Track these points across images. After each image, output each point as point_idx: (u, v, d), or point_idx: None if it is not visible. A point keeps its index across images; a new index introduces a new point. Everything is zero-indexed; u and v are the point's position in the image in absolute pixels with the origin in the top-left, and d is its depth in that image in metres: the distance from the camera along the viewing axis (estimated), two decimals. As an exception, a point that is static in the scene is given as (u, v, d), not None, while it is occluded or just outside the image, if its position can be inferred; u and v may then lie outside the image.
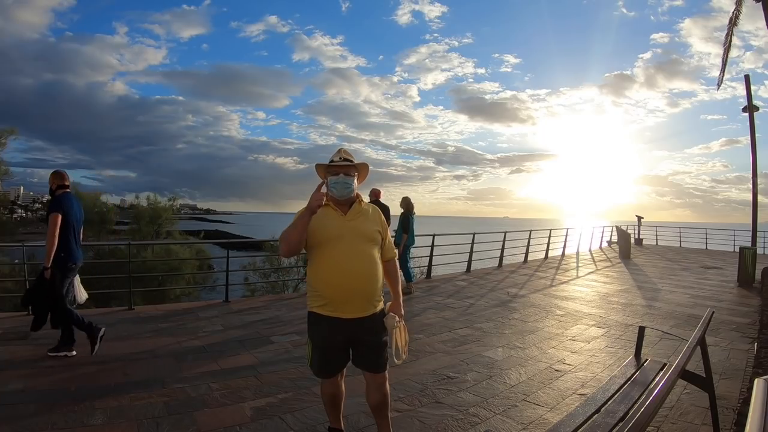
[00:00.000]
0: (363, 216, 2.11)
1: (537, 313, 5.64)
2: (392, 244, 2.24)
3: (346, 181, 2.07)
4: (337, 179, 2.06)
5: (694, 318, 5.41)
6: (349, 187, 2.08)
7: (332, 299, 2.00)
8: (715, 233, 17.54)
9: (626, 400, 2.09)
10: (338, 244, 2.00)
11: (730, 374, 3.54)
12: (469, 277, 8.58)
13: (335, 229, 2.02)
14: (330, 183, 2.08)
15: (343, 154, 2.14)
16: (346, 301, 1.99)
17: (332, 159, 2.15)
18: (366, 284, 2.01)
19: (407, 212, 6.53)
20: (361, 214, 2.11)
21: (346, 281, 1.98)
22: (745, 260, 8.26)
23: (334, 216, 2.06)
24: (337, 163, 2.10)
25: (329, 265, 1.99)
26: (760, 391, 1.15)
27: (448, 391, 3.10)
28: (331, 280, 2.00)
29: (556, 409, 2.85)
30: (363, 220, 2.09)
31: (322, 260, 2.02)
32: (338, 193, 2.07)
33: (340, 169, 2.08)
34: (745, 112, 10.07)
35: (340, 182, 2.06)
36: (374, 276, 2.04)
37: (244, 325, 4.76)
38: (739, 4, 9.44)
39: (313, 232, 2.01)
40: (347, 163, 2.11)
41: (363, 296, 2.01)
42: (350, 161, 2.13)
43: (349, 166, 2.10)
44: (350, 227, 2.03)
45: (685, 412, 2.81)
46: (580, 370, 3.58)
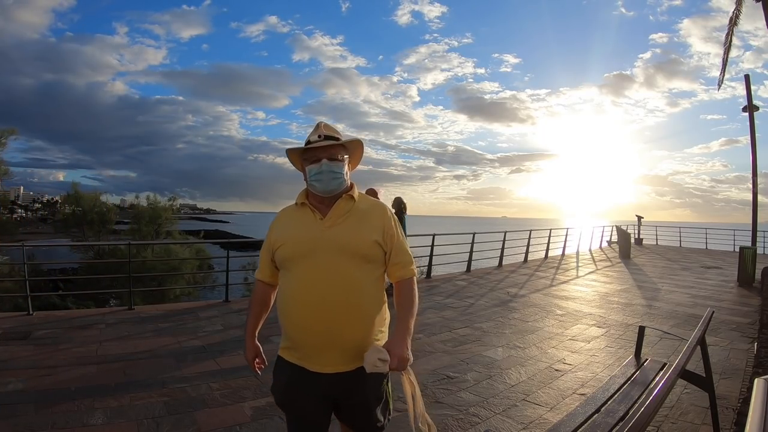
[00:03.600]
0: (353, 219, 1.42)
1: (537, 312, 5.64)
2: (407, 257, 1.49)
3: (332, 170, 1.40)
4: (319, 169, 1.40)
5: (694, 318, 5.41)
6: (337, 177, 1.42)
7: (296, 343, 1.40)
8: (715, 233, 17.54)
9: (626, 400, 2.09)
10: (307, 263, 1.36)
11: (730, 374, 3.54)
12: (469, 276, 8.58)
13: (305, 241, 1.38)
14: (310, 175, 1.43)
15: (323, 130, 1.45)
16: (314, 348, 1.36)
17: (308, 139, 1.46)
18: (343, 325, 1.33)
19: (399, 212, 6.54)
20: (350, 215, 1.43)
21: (311, 320, 1.34)
22: (745, 260, 8.26)
23: (309, 221, 1.42)
24: (315, 143, 1.42)
25: (290, 295, 1.38)
26: (760, 391, 1.15)
27: (448, 391, 3.10)
28: (292, 317, 1.37)
29: (556, 409, 2.85)
30: (352, 225, 1.41)
31: (284, 286, 1.43)
32: (323, 187, 1.42)
33: (321, 153, 1.41)
34: (745, 111, 10.07)
35: (324, 172, 1.40)
36: (357, 312, 1.35)
37: (244, 324, 4.75)
38: (739, 4, 9.44)
39: (278, 245, 1.43)
40: (331, 141, 1.42)
41: (338, 344, 1.34)
42: (335, 138, 1.44)
43: (335, 146, 1.43)
44: (327, 238, 1.37)
45: (685, 411, 2.81)
46: (580, 370, 3.58)
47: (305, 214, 1.44)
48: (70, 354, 3.66)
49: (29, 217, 66.78)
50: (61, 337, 4.08)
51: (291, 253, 1.39)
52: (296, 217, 1.46)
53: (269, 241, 1.48)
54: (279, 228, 1.47)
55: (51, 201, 76.51)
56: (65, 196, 30.10)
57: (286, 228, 1.45)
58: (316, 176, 1.41)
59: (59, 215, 34.38)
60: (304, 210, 1.45)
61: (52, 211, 58.28)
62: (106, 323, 4.66)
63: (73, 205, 28.05)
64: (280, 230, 1.46)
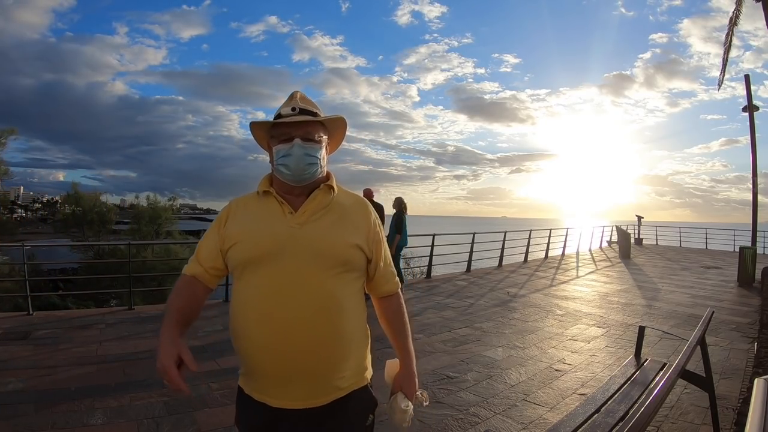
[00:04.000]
0: (332, 215, 1.14)
1: (537, 312, 5.64)
2: (392, 267, 1.27)
3: (306, 152, 1.11)
4: (289, 150, 1.11)
5: (694, 318, 5.41)
6: (312, 162, 1.13)
7: (255, 371, 1.10)
8: (715, 233, 17.54)
9: (626, 400, 2.09)
10: (270, 269, 1.06)
11: (730, 374, 3.54)
12: (469, 276, 8.58)
13: (269, 241, 1.08)
14: (277, 157, 1.13)
15: (299, 102, 1.17)
16: (278, 378, 1.07)
17: (279, 112, 1.17)
18: (315, 350, 1.05)
19: (400, 212, 6.53)
20: (328, 211, 1.14)
21: (274, 342, 1.04)
22: (745, 260, 8.26)
23: (275, 214, 1.12)
24: (288, 117, 1.13)
25: (247, 309, 1.07)
26: (760, 391, 1.15)
27: (448, 391, 3.10)
28: (250, 338, 1.07)
29: (556, 409, 2.85)
30: (330, 223, 1.13)
31: (239, 298, 1.10)
32: (293, 173, 1.12)
33: (294, 130, 1.12)
34: (745, 111, 10.07)
35: (295, 155, 1.11)
36: (334, 333, 1.07)
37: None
38: (739, 4, 9.45)
39: (231, 243, 1.11)
40: (307, 117, 1.13)
41: (309, 372, 1.06)
42: (312, 113, 1.15)
43: (312, 123, 1.14)
44: (298, 238, 1.08)
45: (685, 411, 2.81)
46: (580, 370, 3.58)
47: (269, 205, 1.14)
48: (70, 354, 3.66)
49: (29, 217, 66.82)
50: (61, 337, 4.08)
51: (250, 254, 1.07)
52: (257, 209, 1.15)
53: (219, 237, 1.15)
54: (234, 221, 1.15)
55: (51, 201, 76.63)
56: (65, 196, 30.13)
57: (243, 221, 1.13)
58: (284, 159, 1.11)
59: (59, 215, 34.43)
60: (269, 201, 1.15)
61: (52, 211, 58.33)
62: (106, 323, 4.66)
63: (73, 205, 28.08)
64: (236, 224, 1.14)
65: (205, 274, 1.16)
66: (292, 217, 1.11)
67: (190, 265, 1.18)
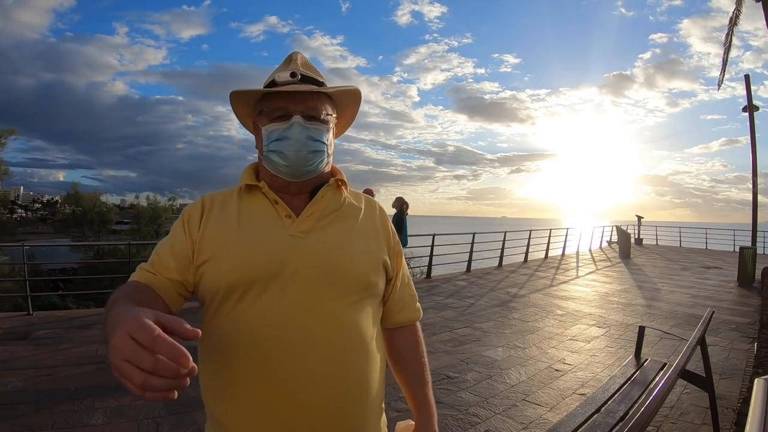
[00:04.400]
0: (345, 221, 0.87)
1: (537, 312, 5.64)
2: (411, 289, 0.99)
3: (310, 135, 0.82)
4: (286, 131, 0.81)
5: (694, 318, 5.41)
6: (317, 149, 0.84)
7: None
8: (715, 233, 17.54)
9: (626, 400, 2.09)
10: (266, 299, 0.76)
11: (730, 374, 3.54)
12: (469, 276, 8.58)
13: (265, 254, 0.78)
14: (269, 141, 0.83)
15: (300, 67, 0.86)
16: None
17: (274, 78, 0.84)
18: (335, 413, 0.75)
19: (401, 212, 6.53)
20: (340, 215, 0.87)
21: (279, 404, 0.73)
22: (745, 260, 8.26)
23: (268, 218, 0.83)
24: (286, 85, 0.82)
25: (239, 358, 0.74)
26: (760, 391, 1.15)
27: (448, 391, 3.10)
28: (243, 399, 0.74)
29: (556, 409, 2.86)
30: (345, 231, 0.85)
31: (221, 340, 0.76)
32: (290, 166, 0.83)
33: (294, 104, 0.82)
34: (745, 111, 10.08)
35: (294, 139, 0.81)
36: (357, 389, 0.78)
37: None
38: (739, 4, 9.45)
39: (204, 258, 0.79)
40: (312, 86, 0.83)
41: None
42: (317, 82, 0.86)
43: (318, 95, 0.84)
44: (304, 250, 0.79)
45: (685, 411, 2.82)
46: (580, 370, 3.58)
47: (258, 206, 0.83)
48: (70, 354, 3.66)
49: (29, 217, 66.81)
50: (61, 337, 4.08)
51: (234, 277, 0.74)
52: (241, 211, 0.82)
53: (191, 242, 0.79)
54: (210, 227, 0.80)
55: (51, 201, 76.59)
56: (65, 196, 30.15)
57: (222, 228, 0.80)
58: (279, 144, 0.80)
59: (59, 215, 34.43)
60: (256, 199, 0.84)
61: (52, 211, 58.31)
62: (106, 323, 4.65)
63: (73, 205, 28.10)
64: (214, 231, 0.79)
65: (168, 288, 0.76)
66: (292, 223, 0.80)
67: (140, 273, 0.78)
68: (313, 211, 0.84)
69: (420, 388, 0.92)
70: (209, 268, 0.77)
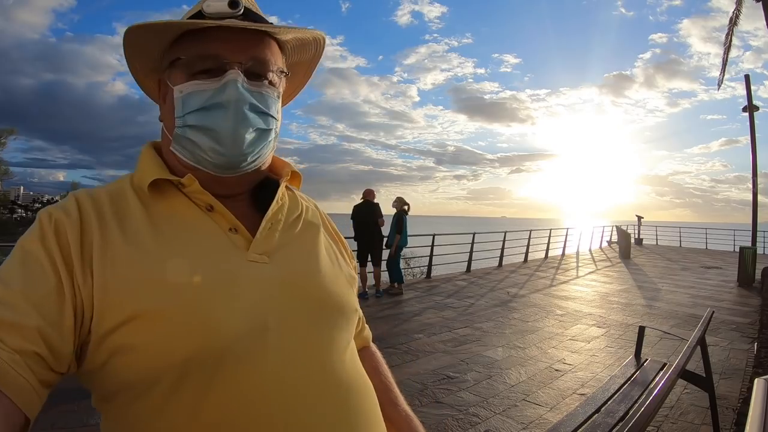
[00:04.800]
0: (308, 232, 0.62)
1: (537, 312, 5.64)
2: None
3: (254, 100, 0.53)
4: (218, 94, 0.51)
5: (694, 318, 5.41)
6: (265, 129, 0.55)
7: None
8: (715, 233, 17.55)
9: (626, 400, 2.09)
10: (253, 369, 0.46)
11: (730, 374, 3.54)
12: (469, 276, 8.58)
13: (243, 299, 0.48)
14: (183, 110, 0.52)
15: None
16: None
17: (202, 8, 0.51)
18: None
19: (401, 212, 6.53)
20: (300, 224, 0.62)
21: None
22: (745, 260, 8.26)
23: (210, 238, 0.52)
24: (221, 18, 0.50)
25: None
26: (759, 391, 1.15)
27: (448, 391, 3.10)
28: None
29: (556, 409, 2.86)
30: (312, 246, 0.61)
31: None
32: (225, 150, 0.52)
33: (229, 50, 0.51)
34: (745, 112, 10.08)
35: (230, 107, 0.51)
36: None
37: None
38: (739, 4, 9.45)
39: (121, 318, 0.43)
40: (260, 25, 0.52)
41: None
42: (264, 20, 0.56)
43: (266, 38, 0.55)
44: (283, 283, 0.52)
45: (685, 411, 2.82)
46: (580, 370, 3.58)
47: (184, 215, 0.54)
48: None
49: (29, 217, 66.87)
50: (61, 337, 4.08)
51: (200, 346, 0.45)
52: (162, 225, 0.52)
53: (54, 288, 0.43)
54: (116, 255, 0.47)
55: (51, 201, 76.78)
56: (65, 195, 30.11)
57: (143, 257, 0.48)
58: (207, 115, 0.52)
59: (59, 215, 34.31)
60: (177, 205, 0.54)
61: (52, 211, 58.01)
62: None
63: (73, 205, 28.03)
64: (126, 263, 0.47)
65: (15, 376, 0.39)
66: (242, 241, 0.53)
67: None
68: (274, 222, 0.57)
69: (400, 397, 0.72)
70: (134, 337, 0.43)
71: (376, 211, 6.24)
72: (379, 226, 6.27)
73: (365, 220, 6.17)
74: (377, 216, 6.23)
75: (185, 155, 0.55)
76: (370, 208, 6.22)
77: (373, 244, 6.24)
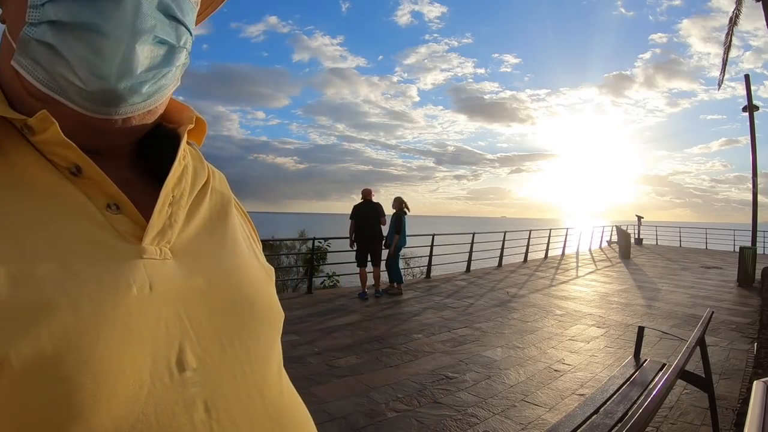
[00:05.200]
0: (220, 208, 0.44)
1: (536, 312, 5.63)
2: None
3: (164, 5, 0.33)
4: None
5: (694, 318, 5.41)
6: (178, 39, 0.35)
7: None
8: (715, 233, 17.56)
9: (625, 401, 2.08)
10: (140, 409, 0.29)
11: (729, 374, 3.53)
12: (469, 276, 8.57)
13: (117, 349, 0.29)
14: (37, 12, 0.30)
15: None
16: None
17: None
18: None
19: (400, 212, 6.54)
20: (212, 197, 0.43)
21: None
22: (745, 260, 8.25)
23: (73, 223, 0.31)
24: None
25: None
26: (758, 394, 1.14)
27: (446, 391, 3.09)
28: None
29: (555, 410, 2.85)
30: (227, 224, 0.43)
31: None
32: (105, 69, 0.31)
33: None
34: (745, 111, 10.07)
35: (125, 6, 0.30)
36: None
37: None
38: (739, 4, 9.44)
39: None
40: None
41: None
42: None
43: None
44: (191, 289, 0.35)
45: (684, 412, 2.81)
46: (579, 370, 3.57)
47: (31, 187, 0.31)
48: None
49: (29, 217, 66.57)
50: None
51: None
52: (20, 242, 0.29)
53: None
54: None
55: (51, 201, 76.44)
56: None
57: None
58: (89, 3, 0.30)
59: (59, 215, 34.36)
60: (23, 167, 0.32)
61: (52, 210, 58.06)
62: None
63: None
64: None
65: None
66: (127, 225, 0.34)
67: None
68: (176, 194, 0.38)
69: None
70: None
71: (379, 211, 6.28)
72: (380, 226, 6.29)
73: (368, 220, 6.19)
74: (380, 215, 6.27)
75: (37, 75, 0.32)
76: (373, 208, 6.26)
77: (374, 244, 6.25)
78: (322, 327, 4.71)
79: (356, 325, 4.86)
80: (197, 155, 0.46)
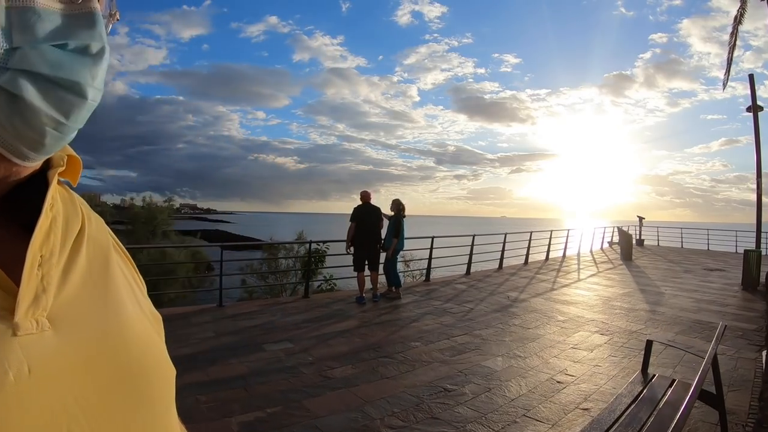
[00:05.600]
0: (97, 259, 0.37)
1: (538, 318, 5.50)
2: None
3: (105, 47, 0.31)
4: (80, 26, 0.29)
5: (699, 324, 5.28)
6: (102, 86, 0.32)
7: None
8: (716, 233, 17.40)
9: (634, 423, 1.96)
10: None
11: (738, 386, 3.40)
12: (469, 279, 8.45)
13: None
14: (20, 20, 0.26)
15: None
16: None
17: None
18: None
19: (398, 215, 6.43)
20: (87, 245, 0.36)
21: None
22: (750, 263, 8.12)
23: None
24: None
25: None
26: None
27: (445, 405, 2.97)
28: None
29: (558, 426, 2.72)
30: (107, 283, 0.37)
31: None
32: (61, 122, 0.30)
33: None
34: (749, 112, 9.93)
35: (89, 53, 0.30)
36: None
37: (237, 331, 4.63)
38: (743, 3, 9.30)
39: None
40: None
41: None
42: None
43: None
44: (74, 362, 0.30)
45: (693, 429, 2.68)
46: (582, 382, 3.44)
47: None
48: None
49: (28, 217, 66.46)
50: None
51: None
52: None
53: None
54: None
55: (50, 200, 76.32)
56: (64, 195, 29.87)
57: None
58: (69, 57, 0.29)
59: (58, 215, 34.16)
60: None
61: (52, 210, 57.95)
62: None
63: (71, 205, 27.89)
64: None
65: None
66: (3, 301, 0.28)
67: None
68: (46, 251, 0.32)
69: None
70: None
71: (379, 214, 6.22)
72: (380, 229, 6.22)
73: (370, 223, 6.10)
74: (380, 219, 6.22)
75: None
76: (374, 211, 6.18)
77: (374, 248, 6.16)
78: (317, 334, 4.59)
79: (353, 331, 4.73)
80: (69, 198, 0.39)
